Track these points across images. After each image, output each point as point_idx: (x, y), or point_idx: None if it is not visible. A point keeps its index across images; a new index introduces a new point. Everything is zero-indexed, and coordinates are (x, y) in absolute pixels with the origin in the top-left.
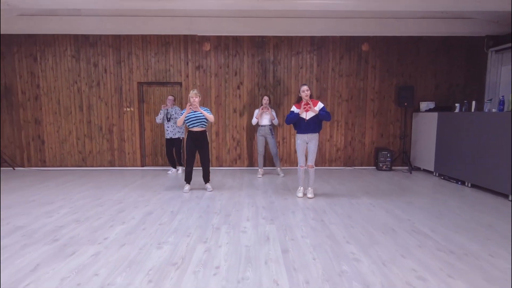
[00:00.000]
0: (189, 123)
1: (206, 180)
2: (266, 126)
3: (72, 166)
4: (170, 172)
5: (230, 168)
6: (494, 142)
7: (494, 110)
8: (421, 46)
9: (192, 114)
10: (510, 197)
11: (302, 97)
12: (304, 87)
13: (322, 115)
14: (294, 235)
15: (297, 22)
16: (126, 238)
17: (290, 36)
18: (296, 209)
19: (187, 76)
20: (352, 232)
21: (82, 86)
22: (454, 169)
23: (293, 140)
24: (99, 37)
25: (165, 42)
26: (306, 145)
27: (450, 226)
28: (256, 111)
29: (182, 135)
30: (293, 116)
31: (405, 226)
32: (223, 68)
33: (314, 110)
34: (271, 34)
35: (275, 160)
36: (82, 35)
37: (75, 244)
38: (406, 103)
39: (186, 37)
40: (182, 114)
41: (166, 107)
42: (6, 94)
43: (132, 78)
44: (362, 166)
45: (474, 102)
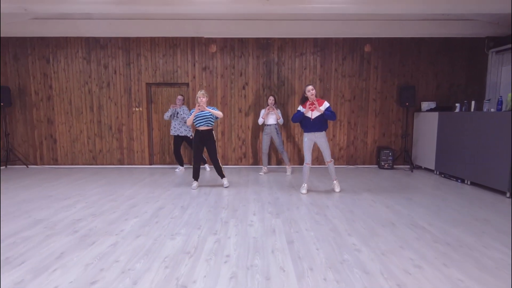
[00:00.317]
0: (196, 122)
1: (220, 175)
2: (272, 125)
3: (83, 164)
4: (177, 170)
5: (235, 166)
6: (493, 141)
7: (492, 110)
8: (422, 47)
9: (199, 114)
10: (508, 194)
11: (308, 97)
12: (309, 87)
13: (327, 115)
14: (298, 228)
15: (301, 24)
16: (141, 230)
17: (294, 38)
18: (300, 204)
19: (194, 77)
20: (353, 225)
21: (93, 87)
22: (454, 167)
23: (297, 140)
24: (109, 39)
25: (172, 44)
26: (313, 143)
27: (448, 221)
28: (262, 112)
29: (188, 134)
30: (298, 115)
31: (404, 220)
32: (229, 69)
33: (319, 110)
34: (276, 36)
35: (284, 157)
36: (93, 38)
37: (94, 235)
38: (407, 103)
39: (193, 39)
40: (190, 114)
41: (175, 107)
42: (20, 95)
43: (140, 79)
44: (364, 165)
45: (473, 102)
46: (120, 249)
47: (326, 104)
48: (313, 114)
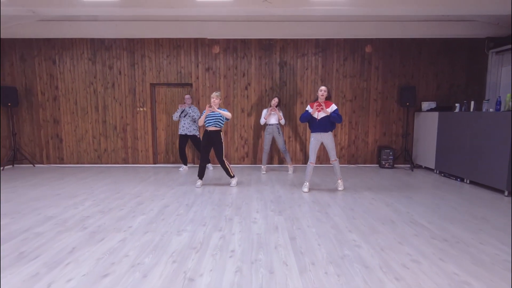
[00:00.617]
0: (205, 122)
1: (228, 175)
2: (273, 125)
3: (88, 163)
4: (181, 169)
5: (238, 165)
6: (492, 141)
7: (491, 110)
8: (423, 47)
9: (209, 114)
10: (506, 193)
11: (318, 96)
12: (322, 88)
13: (333, 117)
14: (300, 225)
15: (302, 25)
16: (148, 227)
17: (296, 39)
18: (302, 202)
19: (197, 77)
20: (354, 222)
21: (98, 87)
22: (454, 166)
23: (299, 139)
24: (114, 40)
25: (176, 45)
26: (319, 143)
27: (446, 218)
28: (264, 112)
29: (196, 133)
30: (306, 115)
31: (403, 218)
32: (232, 69)
33: (326, 112)
34: (278, 37)
35: (286, 156)
36: (98, 39)
37: (103, 231)
38: (408, 103)
39: (196, 40)
40: (199, 113)
41: (183, 106)
42: (26, 95)
43: (145, 80)
44: (365, 164)
45: (472, 103)
46: (129, 244)
47: (333, 107)
48: (319, 115)
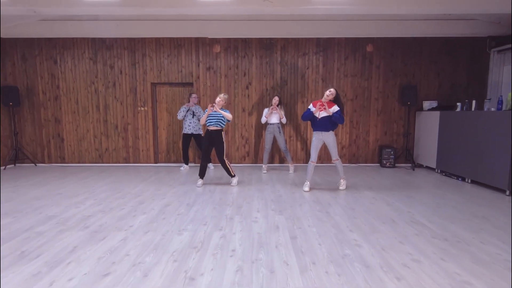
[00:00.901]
0: (207, 121)
1: (228, 174)
2: (274, 124)
3: (89, 163)
4: (182, 168)
5: (239, 164)
6: (493, 140)
7: (493, 109)
8: (424, 46)
9: (210, 114)
10: (508, 192)
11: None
12: (331, 90)
13: (335, 118)
14: (301, 224)
15: (303, 24)
16: (149, 226)
17: (296, 38)
18: (303, 202)
19: (198, 77)
20: (355, 222)
21: (99, 87)
22: (455, 166)
23: (300, 139)
24: (115, 40)
25: (177, 44)
26: (321, 142)
27: (447, 218)
28: (265, 111)
29: (201, 132)
30: (307, 114)
31: (404, 217)
32: (233, 69)
33: (328, 111)
34: (279, 36)
35: (286, 155)
36: (99, 39)
37: (104, 230)
38: (409, 102)
39: (197, 39)
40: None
41: (189, 105)
42: (28, 95)
43: (146, 79)
44: (366, 163)
45: (474, 102)
46: (130, 243)
47: (335, 108)
48: (320, 114)
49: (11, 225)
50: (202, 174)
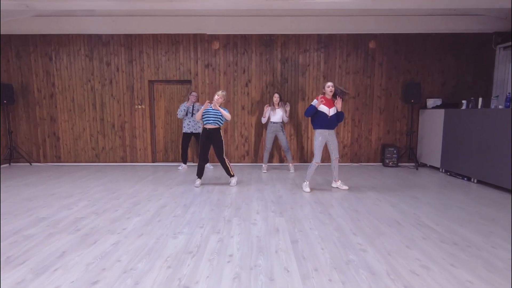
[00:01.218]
0: (204, 120)
1: (229, 174)
2: (277, 123)
3: (86, 162)
4: (180, 167)
5: (238, 164)
6: (500, 138)
7: (500, 107)
8: (428, 43)
9: (209, 111)
10: None
11: (325, 92)
12: (329, 84)
13: (341, 114)
14: (302, 227)
15: (304, 20)
16: (143, 229)
17: (297, 34)
18: (304, 203)
19: (197, 74)
20: (358, 224)
21: (95, 84)
22: (460, 165)
23: (300, 138)
24: (112, 36)
25: (175, 41)
26: (325, 141)
27: (455, 220)
28: (268, 110)
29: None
30: (311, 109)
31: (410, 220)
32: (232, 66)
33: (339, 107)
34: (279, 33)
35: (287, 154)
36: (95, 35)
37: (96, 233)
38: (413, 100)
39: (195, 36)
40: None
41: (189, 104)
42: (22, 93)
43: (143, 77)
44: (368, 162)
45: (480, 99)
46: (122, 248)
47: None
48: (330, 111)
49: None
50: (200, 174)
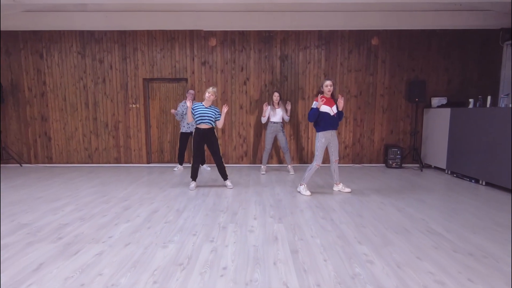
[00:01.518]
0: (197, 120)
1: (224, 177)
2: (278, 123)
3: (78, 163)
4: (176, 169)
5: (236, 165)
6: (510, 138)
7: (510, 105)
8: (433, 39)
9: (201, 111)
10: None
11: (324, 92)
12: (328, 82)
13: (340, 112)
14: (303, 235)
15: (304, 16)
16: (131, 237)
17: (297, 30)
18: (304, 207)
19: (193, 72)
20: (363, 231)
21: (88, 82)
22: (467, 167)
23: (299, 138)
24: (105, 33)
25: (170, 37)
26: (328, 143)
27: (466, 226)
28: (268, 109)
29: None
30: (314, 111)
31: (418, 226)
32: (230, 63)
33: (340, 105)
34: (278, 29)
35: (287, 156)
36: (88, 31)
37: (79, 242)
38: (417, 99)
39: (192, 32)
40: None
41: (186, 104)
42: (12, 91)
43: (137, 75)
44: (371, 163)
45: (489, 98)
46: (105, 259)
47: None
48: (333, 110)
49: None
50: (194, 176)
